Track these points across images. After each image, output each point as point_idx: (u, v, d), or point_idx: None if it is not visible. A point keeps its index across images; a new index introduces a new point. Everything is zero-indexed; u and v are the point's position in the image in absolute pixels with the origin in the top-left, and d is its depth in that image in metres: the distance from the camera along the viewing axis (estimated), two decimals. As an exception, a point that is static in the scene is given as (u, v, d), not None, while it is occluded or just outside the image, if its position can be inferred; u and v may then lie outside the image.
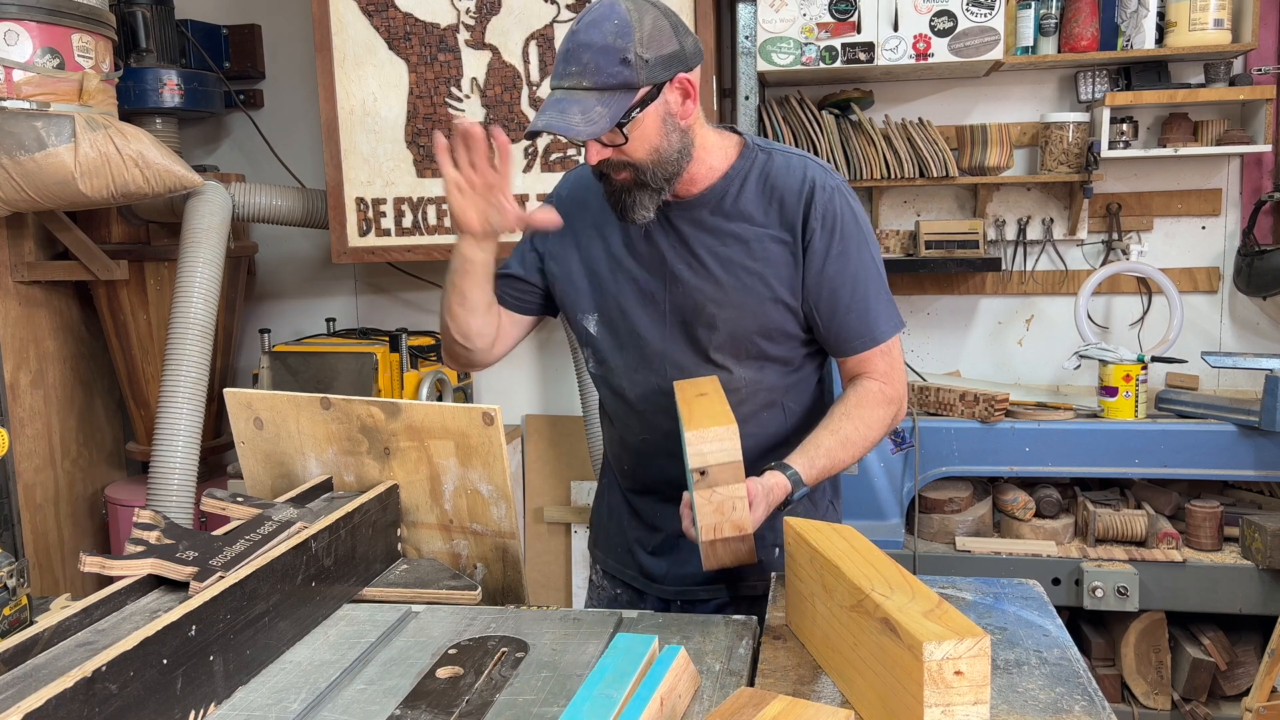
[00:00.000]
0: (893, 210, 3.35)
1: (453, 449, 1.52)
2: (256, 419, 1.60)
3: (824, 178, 1.53)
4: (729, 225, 1.53)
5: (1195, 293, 3.23)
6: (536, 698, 1.11)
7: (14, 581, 1.32)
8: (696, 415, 1.31)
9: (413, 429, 1.52)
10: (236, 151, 3.69)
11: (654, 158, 1.44)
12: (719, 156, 1.54)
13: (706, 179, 1.53)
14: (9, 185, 2.68)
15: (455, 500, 1.54)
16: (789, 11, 2.92)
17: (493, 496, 1.52)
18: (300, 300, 3.74)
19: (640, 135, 1.42)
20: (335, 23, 3.05)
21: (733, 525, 1.26)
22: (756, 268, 1.52)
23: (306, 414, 1.57)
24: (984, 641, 0.89)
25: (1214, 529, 2.69)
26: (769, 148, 1.58)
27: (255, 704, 1.11)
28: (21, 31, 2.67)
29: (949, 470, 2.79)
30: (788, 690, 1.08)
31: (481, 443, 1.50)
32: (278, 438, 1.60)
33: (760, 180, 1.54)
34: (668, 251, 1.55)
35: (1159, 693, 2.73)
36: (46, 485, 3.28)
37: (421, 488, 1.56)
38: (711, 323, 1.53)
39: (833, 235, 1.51)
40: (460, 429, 1.50)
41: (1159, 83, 3.05)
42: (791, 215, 1.51)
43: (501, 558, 1.55)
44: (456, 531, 1.56)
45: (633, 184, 1.45)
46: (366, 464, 1.57)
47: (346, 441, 1.56)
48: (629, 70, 1.37)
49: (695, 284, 1.53)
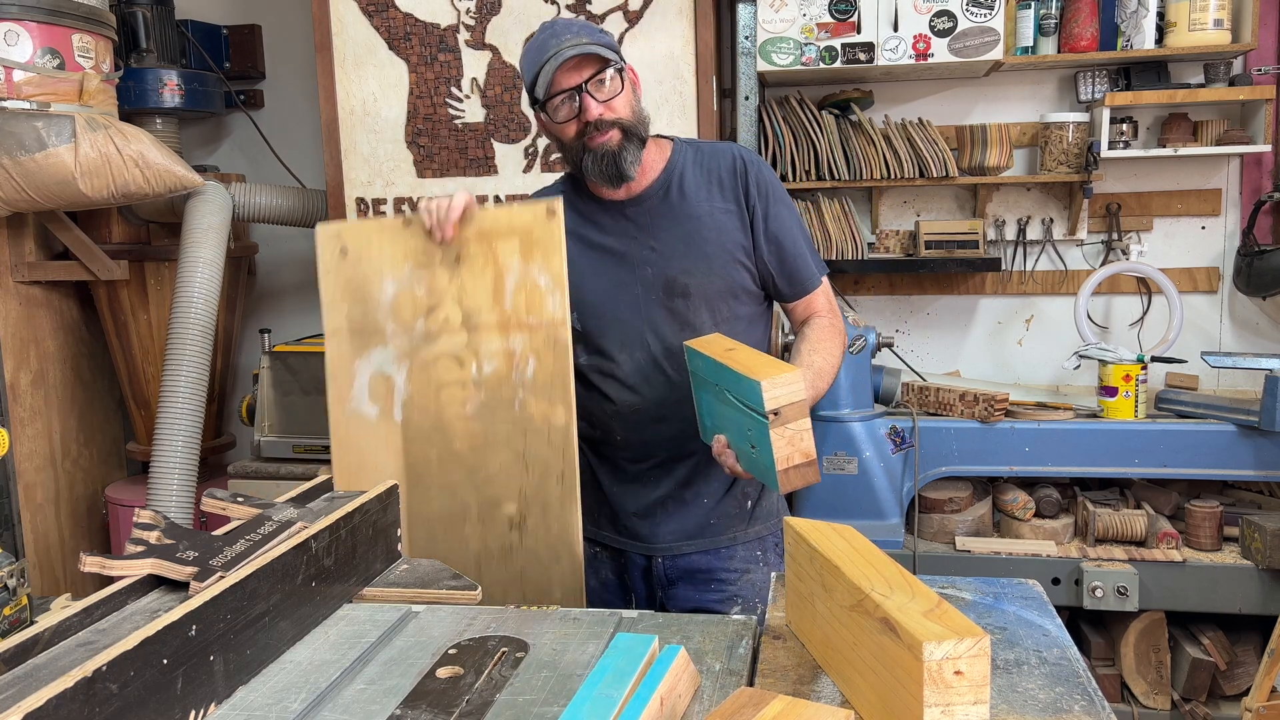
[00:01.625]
0: (893, 210, 3.35)
1: (517, 246, 1.69)
2: (343, 248, 1.76)
3: (749, 155, 1.83)
4: (681, 207, 1.78)
5: (1195, 293, 3.23)
6: (536, 698, 1.11)
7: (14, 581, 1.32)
8: (755, 366, 1.47)
9: (482, 233, 1.70)
10: (236, 151, 3.69)
11: (634, 115, 1.71)
12: (657, 153, 1.81)
13: (653, 172, 1.79)
14: (9, 185, 2.68)
15: (515, 297, 1.70)
16: (789, 11, 2.92)
17: (549, 287, 1.69)
18: (300, 300, 3.74)
19: (626, 91, 1.70)
20: (335, 23, 3.05)
21: (801, 453, 1.44)
22: (714, 237, 1.77)
23: (389, 235, 1.74)
24: (984, 641, 0.90)
25: (1214, 529, 2.69)
26: (694, 142, 1.86)
27: (255, 704, 1.11)
28: (22, 32, 2.67)
29: (949, 470, 2.79)
30: (788, 690, 1.08)
31: (544, 235, 1.67)
32: (359, 261, 1.76)
33: (696, 167, 1.81)
34: (630, 242, 1.79)
35: (1159, 692, 2.73)
36: (47, 485, 3.28)
37: (485, 289, 1.72)
38: (685, 291, 1.76)
39: (768, 199, 1.79)
40: (525, 225, 1.68)
41: (1159, 83, 3.05)
42: (732, 188, 1.79)
43: (552, 347, 1.70)
44: (514, 328, 1.71)
45: (622, 139, 1.69)
46: (438, 274, 1.73)
47: (422, 255, 1.73)
48: (610, 38, 1.71)
49: (663, 262, 1.77)
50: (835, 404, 2.75)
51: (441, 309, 1.74)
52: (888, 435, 2.78)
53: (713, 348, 1.61)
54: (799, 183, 3.13)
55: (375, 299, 1.75)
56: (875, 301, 3.41)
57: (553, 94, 1.67)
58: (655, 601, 1.89)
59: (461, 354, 1.73)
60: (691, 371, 1.70)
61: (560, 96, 1.67)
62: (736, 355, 1.54)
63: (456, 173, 3.08)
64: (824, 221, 3.17)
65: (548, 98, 1.67)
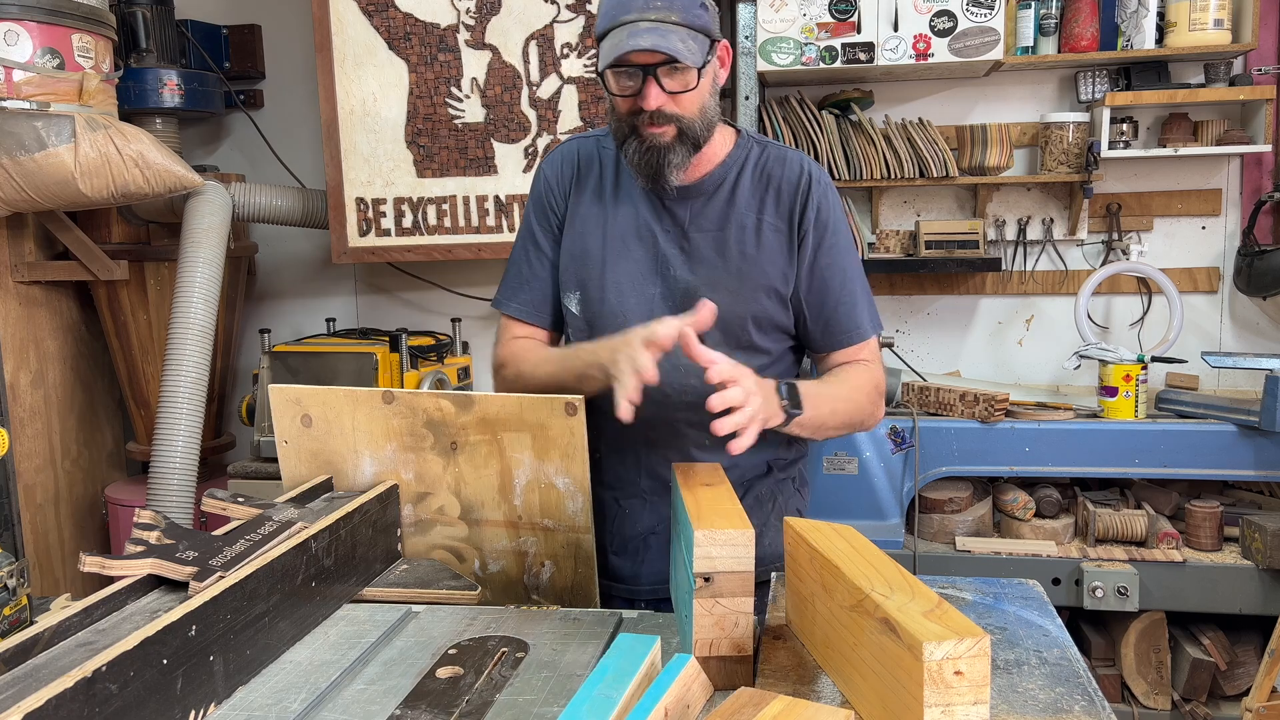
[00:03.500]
0: (893, 210, 3.35)
1: (529, 441, 1.48)
2: (305, 416, 1.53)
3: (820, 174, 1.57)
4: (729, 211, 1.54)
5: (1195, 293, 3.23)
6: (536, 698, 1.11)
7: (14, 581, 1.32)
8: (706, 511, 1.16)
9: (485, 421, 1.48)
10: (236, 151, 3.69)
11: (702, 115, 1.46)
12: (720, 141, 1.56)
13: (708, 164, 1.54)
14: (9, 185, 2.68)
15: (526, 495, 1.51)
16: (789, 11, 2.92)
17: (569, 490, 1.49)
18: (300, 300, 3.74)
19: (700, 86, 1.43)
20: (335, 23, 3.05)
21: (732, 644, 1.12)
22: (752, 254, 1.53)
23: (364, 409, 1.51)
24: (984, 641, 0.89)
25: (1214, 529, 2.68)
26: (763, 141, 1.60)
27: (255, 704, 1.11)
28: (22, 31, 2.67)
29: (949, 470, 2.79)
30: (788, 690, 1.08)
31: (562, 434, 1.46)
32: (328, 435, 1.53)
33: (756, 170, 1.56)
34: (662, 236, 1.55)
35: (1159, 693, 2.73)
36: (46, 485, 3.28)
37: (489, 483, 1.51)
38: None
39: (827, 228, 1.54)
40: (540, 420, 1.46)
41: (1159, 83, 3.05)
42: (789, 205, 1.54)
43: (574, 554, 1.52)
44: (525, 528, 1.52)
45: (674, 139, 1.45)
46: (429, 460, 1.52)
47: (408, 437, 1.51)
48: (707, 15, 1.42)
49: (690, 269, 1.54)
50: (835, 404, 2.75)
51: (436, 497, 1.55)
52: (888, 435, 2.77)
53: (688, 478, 1.32)
54: (799, 183, 3.13)
55: (350, 476, 1.55)
56: (875, 301, 3.41)
57: (617, 66, 1.41)
58: None
59: (461, 548, 1.56)
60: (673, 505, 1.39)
61: (624, 69, 1.42)
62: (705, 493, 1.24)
63: (456, 173, 3.08)
64: (824, 221, 3.17)
65: (609, 67, 1.41)
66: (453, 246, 3.11)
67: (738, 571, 1.11)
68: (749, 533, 1.11)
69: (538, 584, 1.55)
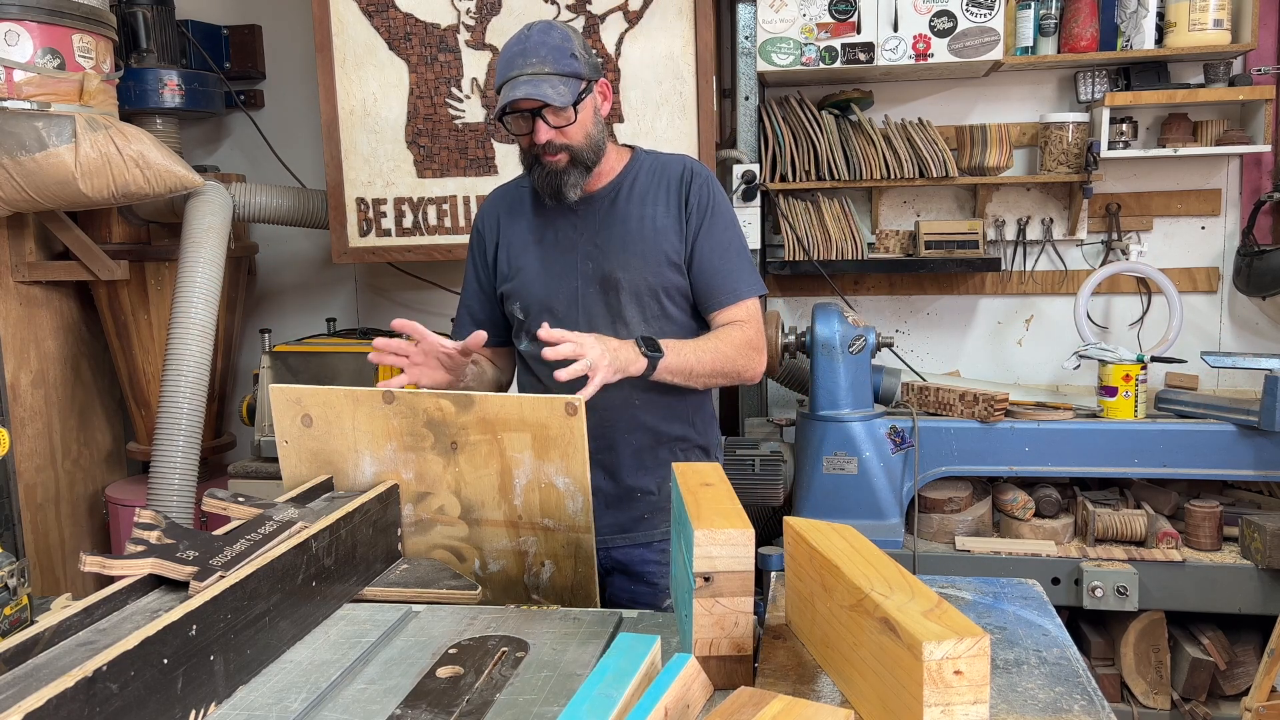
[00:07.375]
0: (893, 210, 3.35)
1: (529, 441, 1.49)
2: (305, 416, 1.54)
3: (699, 167, 1.92)
4: (627, 209, 1.88)
5: (1195, 293, 3.23)
6: (536, 697, 1.11)
7: (14, 581, 1.32)
8: (705, 511, 1.17)
9: (485, 421, 1.50)
10: (237, 152, 3.69)
11: (587, 141, 1.81)
12: (615, 159, 1.91)
13: (606, 176, 1.89)
14: (10, 185, 2.68)
15: (526, 495, 1.52)
16: (789, 12, 2.92)
17: (569, 490, 1.51)
18: (300, 300, 3.74)
19: (580, 119, 1.78)
20: (335, 23, 3.05)
21: (732, 643, 1.13)
22: (651, 236, 1.86)
23: (365, 409, 1.53)
24: (983, 641, 0.90)
25: (1213, 529, 2.68)
26: (654, 152, 1.97)
27: (256, 703, 1.11)
28: (22, 32, 2.67)
29: (949, 470, 2.79)
30: (788, 690, 1.08)
31: (562, 433, 1.48)
32: (328, 435, 1.55)
33: (649, 173, 1.91)
34: (575, 238, 1.88)
35: (1158, 692, 2.73)
36: (47, 485, 3.28)
37: (489, 483, 1.52)
38: (617, 287, 1.85)
39: (708, 210, 1.88)
40: (540, 420, 1.48)
41: (1158, 83, 3.05)
42: (675, 194, 1.89)
43: (574, 554, 1.53)
44: (525, 528, 1.53)
45: (568, 164, 1.80)
46: (429, 459, 1.53)
47: (408, 437, 1.52)
48: (577, 63, 1.77)
49: (601, 257, 1.86)
50: (835, 404, 2.75)
51: (436, 497, 1.56)
52: (888, 435, 2.77)
53: (687, 478, 1.31)
54: (799, 183, 3.13)
55: (350, 476, 1.56)
56: (875, 301, 3.41)
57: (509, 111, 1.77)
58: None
59: (461, 548, 1.57)
60: (673, 504, 1.41)
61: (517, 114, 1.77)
62: (704, 493, 1.25)
63: (456, 173, 3.09)
64: (824, 221, 3.17)
65: (503, 114, 1.78)
66: (453, 247, 3.11)
67: (738, 571, 1.12)
68: (749, 532, 1.13)
69: (538, 584, 1.55)
